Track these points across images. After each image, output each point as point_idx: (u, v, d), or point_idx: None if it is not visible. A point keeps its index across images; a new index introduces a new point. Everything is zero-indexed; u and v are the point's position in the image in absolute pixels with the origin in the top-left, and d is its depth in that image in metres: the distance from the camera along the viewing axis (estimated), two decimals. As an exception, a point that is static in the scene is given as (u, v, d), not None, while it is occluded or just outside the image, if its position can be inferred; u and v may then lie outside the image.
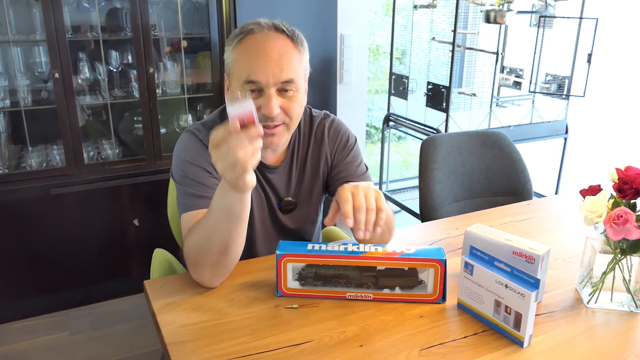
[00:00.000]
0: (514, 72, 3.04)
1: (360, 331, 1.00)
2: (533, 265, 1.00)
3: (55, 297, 2.35)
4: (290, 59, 1.14)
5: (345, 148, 1.36)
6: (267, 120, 1.14)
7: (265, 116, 1.13)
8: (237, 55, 1.16)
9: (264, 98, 1.13)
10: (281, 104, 1.15)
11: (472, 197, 1.88)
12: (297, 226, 1.38)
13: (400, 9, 3.06)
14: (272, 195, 1.32)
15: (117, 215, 2.35)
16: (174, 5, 2.42)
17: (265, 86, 1.12)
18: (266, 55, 1.12)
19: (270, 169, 1.30)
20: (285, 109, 1.16)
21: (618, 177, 1.07)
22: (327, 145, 1.35)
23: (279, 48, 1.13)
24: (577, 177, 3.23)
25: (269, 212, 1.34)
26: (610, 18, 3.01)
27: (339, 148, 1.36)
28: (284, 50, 1.14)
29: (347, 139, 1.37)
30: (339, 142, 1.36)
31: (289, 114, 1.17)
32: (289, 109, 1.16)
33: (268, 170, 1.30)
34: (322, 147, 1.35)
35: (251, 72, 1.12)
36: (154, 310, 1.06)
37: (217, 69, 2.43)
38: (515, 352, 0.95)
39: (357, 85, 3.22)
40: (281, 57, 1.12)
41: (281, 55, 1.13)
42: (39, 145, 2.35)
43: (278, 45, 1.14)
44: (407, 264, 1.07)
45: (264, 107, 1.13)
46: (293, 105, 1.17)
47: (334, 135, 1.36)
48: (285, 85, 1.14)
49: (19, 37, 2.21)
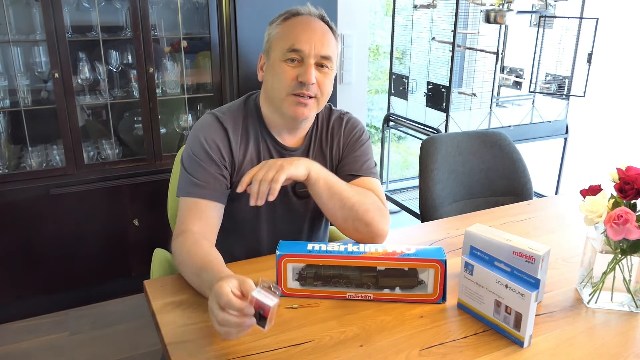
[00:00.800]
0: (514, 72, 3.04)
1: (360, 331, 1.00)
2: (533, 265, 1.00)
3: (55, 297, 2.35)
4: (330, 40, 1.24)
5: (356, 142, 1.38)
6: (302, 88, 1.21)
7: (301, 84, 1.20)
8: (282, 29, 1.24)
9: (304, 67, 1.20)
10: (317, 77, 1.22)
11: (472, 197, 1.88)
12: (309, 215, 1.38)
13: (400, 9, 3.06)
14: None
15: (117, 215, 2.35)
16: (174, 5, 2.42)
17: (307, 56, 1.20)
18: (312, 30, 1.22)
19: (289, 150, 1.32)
20: (320, 82, 1.23)
21: (619, 177, 1.07)
22: (341, 137, 1.38)
23: (321, 28, 1.24)
24: (577, 177, 3.23)
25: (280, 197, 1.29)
26: (610, 18, 3.01)
27: (352, 141, 1.37)
28: (325, 31, 1.24)
29: (361, 134, 1.39)
30: (352, 136, 1.38)
31: (321, 89, 1.24)
32: (322, 84, 1.24)
33: (287, 152, 1.32)
34: (337, 138, 1.37)
35: (296, 41, 1.20)
36: (154, 310, 1.06)
37: (217, 69, 2.43)
38: (515, 352, 0.95)
39: (357, 85, 3.22)
40: (324, 35, 1.23)
41: (324, 33, 1.23)
42: (39, 145, 2.35)
43: (321, 26, 1.24)
44: (407, 264, 1.07)
45: (302, 74, 1.20)
46: (326, 81, 1.25)
47: (349, 129, 1.38)
48: (323, 60, 1.22)
49: (19, 37, 2.21)
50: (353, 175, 1.33)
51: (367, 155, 1.38)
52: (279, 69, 1.22)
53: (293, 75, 1.21)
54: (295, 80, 1.21)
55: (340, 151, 1.38)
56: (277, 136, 1.32)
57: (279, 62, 1.22)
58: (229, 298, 0.86)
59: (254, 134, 1.31)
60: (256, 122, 1.31)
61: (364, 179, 1.33)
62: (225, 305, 0.86)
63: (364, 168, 1.35)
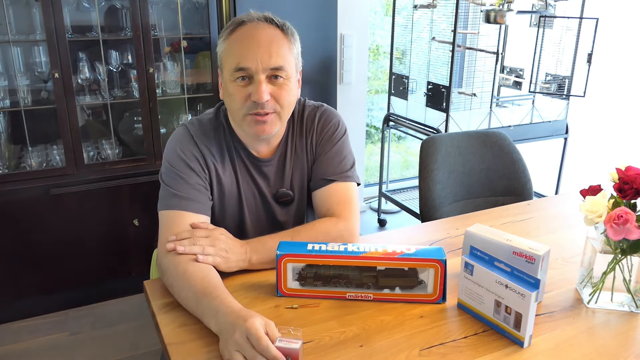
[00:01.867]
0: (514, 72, 3.04)
1: (360, 331, 1.00)
2: (533, 266, 1.00)
3: (55, 297, 2.35)
4: (279, 47, 1.15)
5: (330, 140, 1.31)
6: (257, 108, 1.15)
7: (255, 103, 1.14)
8: (227, 46, 1.17)
9: (254, 85, 1.14)
10: (271, 91, 1.15)
11: (472, 197, 1.88)
12: (292, 221, 1.36)
13: (400, 9, 3.06)
14: (265, 189, 1.31)
15: (117, 215, 2.35)
16: (174, 5, 2.42)
17: (255, 72, 1.13)
18: (255, 42, 1.13)
19: (263, 161, 1.29)
20: (276, 96, 1.16)
21: (618, 177, 1.07)
22: (314, 134, 1.31)
23: (268, 36, 1.15)
24: (577, 177, 3.23)
25: (263, 207, 1.32)
26: (610, 18, 3.01)
27: (324, 139, 1.31)
28: (272, 38, 1.15)
29: (335, 130, 1.32)
30: (325, 132, 1.31)
31: (279, 102, 1.17)
32: (279, 97, 1.16)
33: (261, 164, 1.29)
34: (310, 136, 1.31)
35: (241, 59, 1.13)
36: (154, 310, 1.06)
37: (217, 69, 2.43)
38: (515, 352, 0.95)
39: (357, 85, 3.22)
40: (270, 44, 1.14)
41: (270, 42, 1.14)
42: (39, 145, 2.35)
43: (267, 34, 1.15)
44: (407, 264, 1.07)
45: (254, 93, 1.14)
46: (283, 93, 1.17)
47: (322, 125, 1.32)
48: (275, 72, 1.15)
49: (19, 37, 2.21)
50: (326, 179, 1.28)
51: (341, 155, 1.31)
52: (231, 89, 1.16)
53: (245, 94, 1.15)
54: (249, 99, 1.15)
55: (314, 150, 1.32)
56: (250, 148, 1.27)
57: (230, 82, 1.17)
58: (268, 344, 0.84)
59: (227, 147, 1.26)
60: (228, 135, 1.27)
61: (338, 185, 1.28)
62: (263, 351, 0.84)
63: (338, 171, 1.29)
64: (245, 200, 1.30)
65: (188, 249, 1.09)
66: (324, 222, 1.23)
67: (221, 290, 1.01)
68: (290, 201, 1.34)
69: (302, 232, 1.20)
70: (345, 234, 1.23)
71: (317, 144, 1.32)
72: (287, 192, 1.33)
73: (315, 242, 1.13)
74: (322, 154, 1.31)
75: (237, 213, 1.31)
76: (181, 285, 1.05)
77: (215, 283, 1.04)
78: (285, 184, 1.32)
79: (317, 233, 1.20)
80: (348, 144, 1.35)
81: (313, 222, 1.23)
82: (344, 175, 1.30)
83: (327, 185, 1.28)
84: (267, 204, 1.32)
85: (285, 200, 1.33)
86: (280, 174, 1.32)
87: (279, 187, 1.32)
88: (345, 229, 1.23)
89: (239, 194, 1.29)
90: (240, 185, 1.28)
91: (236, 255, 1.13)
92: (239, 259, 1.14)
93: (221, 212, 1.29)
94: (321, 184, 1.29)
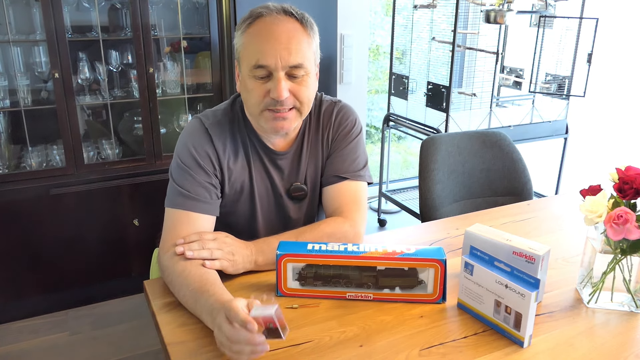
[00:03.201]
0: (514, 72, 3.04)
1: (360, 331, 1.00)
2: (533, 265, 1.00)
3: (55, 297, 2.35)
4: (299, 43, 1.13)
5: (346, 137, 1.30)
6: (277, 105, 1.14)
7: (275, 100, 1.13)
8: (245, 40, 1.15)
9: (273, 82, 1.13)
10: (290, 87, 1.14)
11: (472, 197, 1.88)
12: (303, 219, 1.35)
13: (400, 9, 3.06)
14: (279, 183, 1.30)
15: (117, 215, 2.35)
16: (174, 5, 2.42)
17: (274, 70, 1.12)
18: (275, 39, 1.11)
19: (278, 154, 1.27)
20: (295, 93, 1.15)
21: (618, 177, 1.07)
22: (331, 129, 1.30)
23: (287, 31, 1.12)
24: (577, 177, 3.23)
25: (275, 203, 1.31)
26: (610, 18, 3.01)
27: (340, 136, 1.30)
28: (292, 34, 1.13)
29: (352, 128, 1.31)
30: (342, 129, 1.30)
31: (299, 98, 1.16)
32: (298, 93, 1.16)
33: (277, 157, 1.28)
34: (327, 131, 1.30)
35: (260, 57, 1.11)
36: (154, 310, 1.06)
37: (217, 69, 2.43)
38: (515, 352, 0.95)
39: (357, 85, 3.22)
40: (290, 41, 1.12)
41: (290, 38, 1.12)
42: (39, 145, 2.35)
43: (287, 29, 1.13)
44: (407, 264, 1.07)
45: (272, 90, 1.12)
46: (303, 90, 1.16)
47: (340, 122, 1.31)
48: (294, 69, 1.13)
49: (19, 37, 2.21)
50: (338, 177, 1.28)
51: (355, 153, 1.31)
52: (249, 85, 1.15)
53: (264, 91, 1.14)
54: (267, 96, 1.13)
55: (329, 145, 1.31)
56: (265, 140, 1.26)
57: (248, 77, 1.15)
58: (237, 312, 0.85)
59: (241, 139, 1.25)
60: (243, 127, 1.26)
61: (350, 184, 1.28)
62: (233, 319, 0.85)
63: (351, 169, 1.29)
64: (257, 195, 1.28)
65: (197, 253, 1.09)
66: (329, 223, 1.23)
67: (218, 287, 1.02)
68: (303, 196, 1.32)
69: (307, 233, 1.20)
70: (350, 234, 1.23)
71: (332, 140, 1.31)
72: (302, 186, 1.31)
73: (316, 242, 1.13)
74: (337, 151, 1.30)
75: (248, 208, 1.30)
76: (180, 283, 1.06)
77: (212, 280, 1.04)
78: (299, 179, 1.31)
79: (322, 234, 1.20)
80: (363, 143, 1.35)
81: (318, 223, 1.23)
82: (356, 174, 1.30)
83: (338, 182, 1.28)
84: (279, 198, 1.31)
85: (298, 195, 1.31)
86: (295, 167, 1.30)
87: (293, 181, 1.30)
88: (351, 229, 1.23)
89: (252, 188, 1.27)
90: (253, 179, 1.27)
91: (242, 257, 1.14)
92: (245, 261, 1.14)
93: (232, 208, 1.28)
94: (333, 181, 1.29)
